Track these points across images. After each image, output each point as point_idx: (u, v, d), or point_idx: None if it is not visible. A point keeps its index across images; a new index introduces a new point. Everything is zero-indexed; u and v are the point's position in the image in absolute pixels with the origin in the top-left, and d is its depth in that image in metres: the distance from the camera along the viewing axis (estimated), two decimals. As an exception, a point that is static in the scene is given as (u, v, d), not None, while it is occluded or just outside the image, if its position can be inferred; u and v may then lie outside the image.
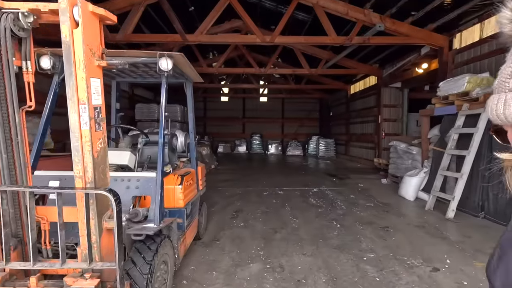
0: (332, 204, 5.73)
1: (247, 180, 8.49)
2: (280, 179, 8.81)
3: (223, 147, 19.64)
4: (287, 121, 20.95)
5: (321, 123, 20.50)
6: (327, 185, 7.78)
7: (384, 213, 5.12)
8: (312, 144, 17.97)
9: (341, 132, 16.23)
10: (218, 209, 5.33)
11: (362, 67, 11.40)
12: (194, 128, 3.61)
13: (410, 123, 11.81)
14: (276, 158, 16.01)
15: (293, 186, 7.53)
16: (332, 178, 8.91)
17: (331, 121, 18.24)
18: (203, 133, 20.65)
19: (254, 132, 20.28)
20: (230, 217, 4.87)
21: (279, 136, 20.82)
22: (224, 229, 4.28)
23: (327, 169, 11.37)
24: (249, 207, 5.50)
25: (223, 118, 20.93)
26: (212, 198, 6.13)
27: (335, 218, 4.80)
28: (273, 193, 6.70)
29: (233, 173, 9.96)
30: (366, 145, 12.91)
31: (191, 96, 3.54)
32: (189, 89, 3.52)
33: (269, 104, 21.03)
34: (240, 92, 20.44)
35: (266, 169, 11.35)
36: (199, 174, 3.74)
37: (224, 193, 6.67)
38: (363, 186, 7.54)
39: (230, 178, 8.75)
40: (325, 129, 19.17)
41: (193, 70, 3.22)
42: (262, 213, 5.07)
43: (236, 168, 11.52)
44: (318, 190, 7.03)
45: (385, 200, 6.02)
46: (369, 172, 10.19)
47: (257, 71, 12.09)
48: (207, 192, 6.78)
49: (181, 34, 7.85)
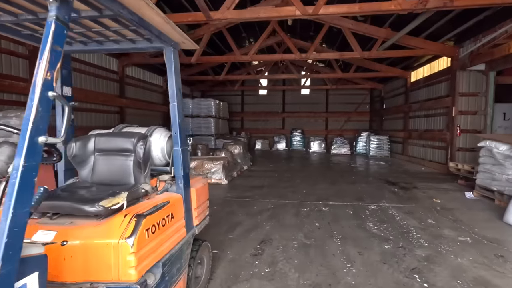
0: (403, 235, 3.93)
1: (283, 187, 6.93)
2: (325, 186, 7.10)
3: (261, 144, 18.29)
4: (332, 115, 18.81)
5: (372, 117, 18.01)
6: (389, 198, 5.90)
7: (498, 260, 3.22)
8: (361, 141, 15.74)
9: (397, 127, 13.78)
10: (238, 236, 3.88)
11: (431, 46, 9.03)
12: (180, 124, 2.16)
13: (495, 116, 9.17)
14: (319, 157, 14.14)
15: (342, 199, 5.80)
16: (393, 188, 6.94)
17: (384, 115, 15.76)
18: (240, 129, 19.51)
19: (294, 127, 18.59)
20: (252, 253, 3.39)
21: (322, 132, 18.83)
22: (238, 279, 2.81)
23: (382, 173, 9.30)
24: (282, 233, 3.96)
25: (261, 112, 19.53)
26: (234, 215, 4.71)
27: (416, 267, 3.04)
28: (315, 210, 5.07)
29: (267, 176, 8.47)
30: (432, 144, 10.49)
31: (172, 68, 2.10)
32: (170, 58, 2.09)
33: (312, 96, 19.08)
34: (280, 84, 18.81)
35: (307, 172, 9.66)
36: (193, 200, 2.30)
37: (252, 207, 5.21)
38: (441, 203, 5.52)
39: (262, 184, 7.27)
40: (377, 124, 16.72)
41: (168, 23, 1.78)
42: (298, 249, 3.50)
43: (272, 169, 10.01)
44: (377, 208, 5.22)
45: (488, 231, 4.03)
46: (441, 179, 7.96)
47: (298, 56, 10.36)
48: (228, 206, 5.16)
49: (204, 11, 6.51)
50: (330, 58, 11.30)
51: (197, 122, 14.06)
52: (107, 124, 10.55)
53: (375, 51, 9.46)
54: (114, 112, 10.94)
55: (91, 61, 9.63)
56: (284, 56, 10.93)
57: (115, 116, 11.01)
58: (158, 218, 1.77)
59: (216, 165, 7.30)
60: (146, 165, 2.01)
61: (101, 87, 10.13)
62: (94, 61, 9.80)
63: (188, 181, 2.22)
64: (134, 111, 12.13)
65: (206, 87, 18.14)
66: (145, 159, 1.99)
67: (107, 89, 10.44)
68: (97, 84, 9.93)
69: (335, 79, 16.90)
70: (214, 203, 5.50)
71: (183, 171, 2.12)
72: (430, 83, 10.72)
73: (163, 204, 1.87)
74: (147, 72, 13.24)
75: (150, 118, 13.44)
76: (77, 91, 8.92)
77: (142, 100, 12.73)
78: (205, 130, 13.98)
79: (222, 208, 5.18)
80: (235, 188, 6.83)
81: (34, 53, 7.65)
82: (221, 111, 15.11)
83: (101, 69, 10.10)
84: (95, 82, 9.83)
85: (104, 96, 10.15)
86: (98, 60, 10.03)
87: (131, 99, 11.85)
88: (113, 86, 10.81)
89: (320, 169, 10.38)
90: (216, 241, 3.66)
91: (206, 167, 7.30)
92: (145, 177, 2.01)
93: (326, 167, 10.85)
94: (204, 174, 7.32)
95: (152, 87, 13.71)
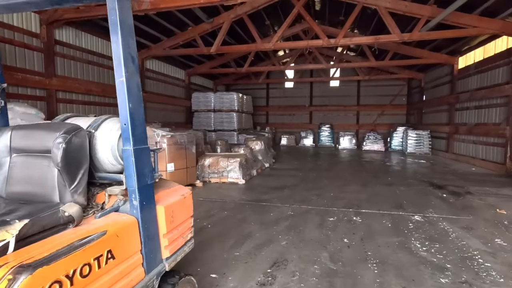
0: (465, 262, 2.95)
1: (307, 189, 6.08)
2: (356, 189, 6.14)
3: (287, 139, 17.42)
4: (364, 108, 17.39)
5: (409, 110, 16.37)
6: (437, 207, 4.83)
7: None
8: (397, 137, 14.31)
9: (440, 121, 12.23)
10: (246, 253, 3.14)
11: (488, 23, 7.58)
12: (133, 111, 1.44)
13: None
14: (349, 154, 12.99)
15: (377, 206, 4.84)
16: (440, 192, 5.81)
17: (424, 108, 14.16)
18: (265, 124, 18.72)
19: (322, 122, 17.46)
20: (260, 281, 2.62)
21: (353, 127, 17.50)
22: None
23: (424, 173, 8.07)
24: (300, 252, 3.16)
25: (287, 106, 18.58)
26: (245, 224, 3.96)
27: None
28: (344, 220, 4.19)
29: (290, 175, 7.64)
30: (485, 140, 9.01)
31: (117, 24, 1.37)
32: (114, 9, 1.37)
33: (342, 88, 17.77)
34: (307, 75, 17.70)
35: (335, 171, 8.69)
36: (161, 222, 1.58)
37: (268, 214, 4.45)
38: (509, 215, 4.37)
39: (284, 185, 6.47)
40: (416, 118, 15.12)
41: None
42: (321, 278, 2.68)
43: (296, 167, 9.14)
44: (423, 219, 4.21)
45: None
46: (500, 183, 6.64)
47: (326, 42, 9.32)
48: (241, 212, 4.41)
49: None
50: (363, 43, 10.09)
51: (219, 116, 13.50)
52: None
53: (417, 32, 8.17)
54: (134, 107, 10.63)
55: (109, 54, 9.32)
56: (311, 42, 9.91)
57: (135, 110, 10.71)
58: (75, 265, 1.07)
59: (232, 163, 6.61)
60: (72, 173, 1.32)
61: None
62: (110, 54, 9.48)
63: (149, 196, 1.51)
64: (155, 105, 11.79)
65: (230, 80, 17.53)
66: (67, 165, 1.29)
67: (125, 83, 10.11)
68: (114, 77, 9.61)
69: (368, 68, 15.50)
70: (226, 207, 4.81)
71: (137, 181, 1.41)
72: (484, 68, 9.18)
73: (91, 238, 1.16)
74: (168, 66, 12.87)
75: (171, 112, 13.10)
76: (94, 84, 8.68)
77: (163, 95, 12.38)
78: (227, 125, 13.39)
79: (234, 214, 4.47)
80: (252, 189, 6.10)
81: (48, 45, 7.41)
82: (244, 105, 14.42)
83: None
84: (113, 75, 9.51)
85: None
86: (116, 53, 9.69)
87: (151, 93, 11.52)
88: (132, 80, 10.48)
89: (350, 168, 9.33)
90: (218, 259, 2.96)
91: (222, 165, 6.64)
92: (74, 192, 1.32)
93: (357, 166, 9.76)
94: (220, 172, 6.67)
95: (174, 81, 13.34)
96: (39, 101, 7.24)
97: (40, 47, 7.20)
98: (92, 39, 8.77)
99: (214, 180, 6.70)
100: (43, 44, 7.26)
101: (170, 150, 5.55)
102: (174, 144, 5.65)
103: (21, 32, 6.76)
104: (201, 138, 7.91)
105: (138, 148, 1.42)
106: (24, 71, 6.79)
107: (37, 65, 7.16)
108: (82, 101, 8.44)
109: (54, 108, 7.52)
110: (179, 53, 10.85)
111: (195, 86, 15.38)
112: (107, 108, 9.36)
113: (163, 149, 5.47)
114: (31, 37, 7.01)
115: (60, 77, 7.72)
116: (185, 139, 5.87)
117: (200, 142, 7.75)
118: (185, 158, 5.92)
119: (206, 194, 5.66)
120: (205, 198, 5.39)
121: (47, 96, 7.40)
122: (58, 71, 7.70)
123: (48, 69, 7.34)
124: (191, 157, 6.13)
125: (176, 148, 5.73)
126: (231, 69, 14.12)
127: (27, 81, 6.82)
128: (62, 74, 7.84)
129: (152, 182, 1.51)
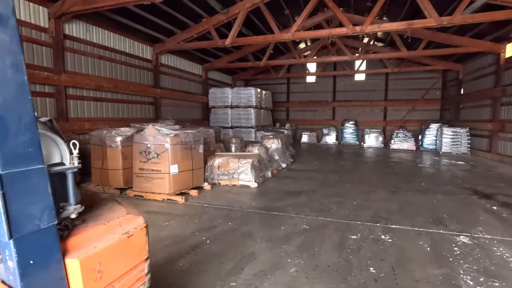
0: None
1: (327, 195, 5.35)
2: (383, 196, 5.32)
3: (308, 136, 16.58)
4: (393, 103, 16.11)
5: (444, 105, 14.91)
6: (487, 223, 3.94)
7: None
8: (429, 134, 13.04)
9: (482, 117, 10.90)
10: (243, 284, 2.52)
11: (548, 1, 6.37)
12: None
13: None
14: (375, 153, 11.96)
15: (410, 220, 4.04)
16: (488, 203, 4.86)
17: (462, 102, 12.78)
18: (285, 120, 17.96)
19: (346, 118, 16.43)
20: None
21: (380, 124, 16.30)
22: None
23: (466, 178, 7.03)
24: (313, 285, 2.50)
25: (308, 102, 17.68)
26: (249, 241, 3.34)
27: None
28: (369, 239, 3.45)
29: (309, 177, 6.92)
30: (539, 140, 7.74)
31: None
32: None
33: (368, 82, 16.58)
34: (330, 69, 16.68)
35: (359, 173, 7.84)
36: (79, 282, 1.00)
37: (278, 227, 3.80)
38: None
39: (300, 189, 5.77)
40: (452, 114, 13.71)
41: None
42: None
43: (316, 168, 8.39)
44: (472, 242, 3.38)
45: None
46: None
47: (351, 30, 8.42)
48: (246, 223, 3.78)
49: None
50: (393, 30, 9.03)
51: (236, 113, 12.96)
52: (142, 116, 10.00)
53: (459, 15, 7.08)
54: (148, 103, 10.35)
55: (122, 49, 9.03)
56: (334, 31, 9.01)
57: (150, 107, 10.43)
58: None
59: (244, 164, 6.01)
60: None
61: (133, 77, 9.52)
62: (125, 49, 9.19)
63: (44, 249, 0.92)
64: (170, 101, 11.46)
65: (249, 75, 16.91)
66: None
67: (140, 78, 9.84)
68: (129, 73, 9.34)
69: (398, 60, 14.24)
70: (232, 216, 4.23)
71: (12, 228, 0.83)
72: (539, 56, 7.88)
73: None
74: (184, 61, 12.47)
75: (187, 109, 12.74)
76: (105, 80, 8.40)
77: (179, 90, 12.02)
78: (244, 121, 12.83)
79: (239, 225, 3.87)
80: (264, 194, 5.47)
81: (57, 40, 7.18)
82: (263, 100, 13.78)
83: (133, 57, 9.48)
84: (126, 71, 9.24)
85: (136, 86, 9.54)
86: (130, 48, 9.41)
87: (166, 89, 11.18)
88: (147, 76, 10.19)
89: (376, 170, 8.43)
90: (207, 292, 2.37)
91: (232, 166, 6.06)
92: None
93: (385, 167, 8.82)
94: (230, 174, 6.10)
95: (191, 77, 12.94)
96: (48, 98, 7.01)
97: (48, 42, 6.96)
98: (103, 33, 8.46)
99: (223, 182, 6.14)
100: (52, 39, 6.96)
101: (173, 151, 5.04)
102: (178, 143, 5.14)
103: (28, 27, 6.51)
104: (212, 136, 7.38)
105: (13, 173, 0.84)
106: (32, 67, 6.57)
107: (46, 60, 6.94)
108: (93, 98, 8.17)
109: (64, 105, 7.28)
110: (193, 47, 10.38)
111: (212, 81, 14.92)
112: (119, 105, 9.09)
113: (165, 149, 4.98)
114: (39, 31, 6.73)
115: (70, 72, 7.43)
116: (190, 138, 5.34)
117: (211, 140, 7.23)
118: (191, 159, 5.40)
119: (212, 199, 5.11)
120: (210, 204, 4.83)
121: (56, 92, 7.15)
122: (67, 67, 7.43)
123: (57, 64, 7.04)
124: (198, 158, 5.60)
125: (181, 148, 5.21)
126: (249, 63, 13.48)
127: (35, 77, 6.61)
128: (72, 69, 7.56)
129: (51, 224, 0.94)
